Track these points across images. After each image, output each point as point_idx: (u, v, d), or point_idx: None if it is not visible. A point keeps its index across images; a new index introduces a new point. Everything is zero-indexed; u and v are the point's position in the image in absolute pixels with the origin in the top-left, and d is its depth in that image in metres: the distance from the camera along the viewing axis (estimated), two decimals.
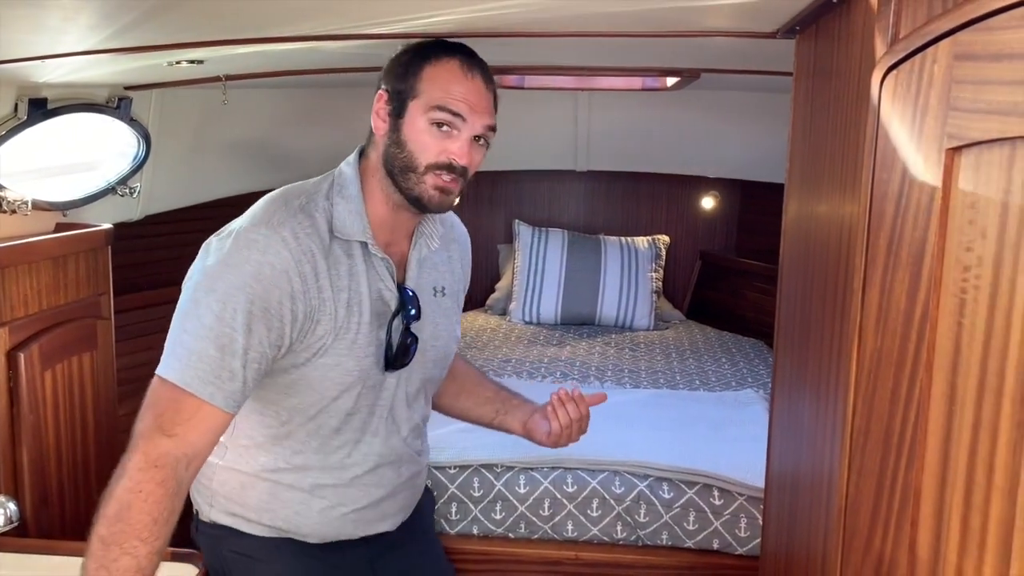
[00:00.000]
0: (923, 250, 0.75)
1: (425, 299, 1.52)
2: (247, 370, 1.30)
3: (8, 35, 1.34)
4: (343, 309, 1.39)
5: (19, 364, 1.79)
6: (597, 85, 3.07)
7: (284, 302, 1.31)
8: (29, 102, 1.87)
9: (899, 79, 0.82)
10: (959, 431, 0.70)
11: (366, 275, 1.42)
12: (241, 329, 1.28)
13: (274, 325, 1.31)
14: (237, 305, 1.28)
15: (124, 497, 1.23)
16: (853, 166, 0.97)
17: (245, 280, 1.29)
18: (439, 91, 1.36)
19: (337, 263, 1.38)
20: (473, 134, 1.39)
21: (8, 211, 1.89)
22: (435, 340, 1.56)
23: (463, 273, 1.68)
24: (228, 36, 1.53)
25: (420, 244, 1.52)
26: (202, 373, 1.27)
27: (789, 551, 1.27)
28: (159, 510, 1.23)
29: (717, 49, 1.85)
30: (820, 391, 1.09)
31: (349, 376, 1.42)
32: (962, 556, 0.69)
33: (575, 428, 1.63)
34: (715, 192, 4.28)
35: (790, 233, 1.34)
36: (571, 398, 1.62)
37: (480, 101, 1.39)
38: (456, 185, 1.41)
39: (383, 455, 1.53)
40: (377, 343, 1.44)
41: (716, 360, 3.42)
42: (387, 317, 1.45)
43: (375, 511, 1.56)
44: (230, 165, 2.98)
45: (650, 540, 2.23)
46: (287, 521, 1.50)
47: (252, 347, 1.29)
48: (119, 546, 1.21)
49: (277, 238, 1.32)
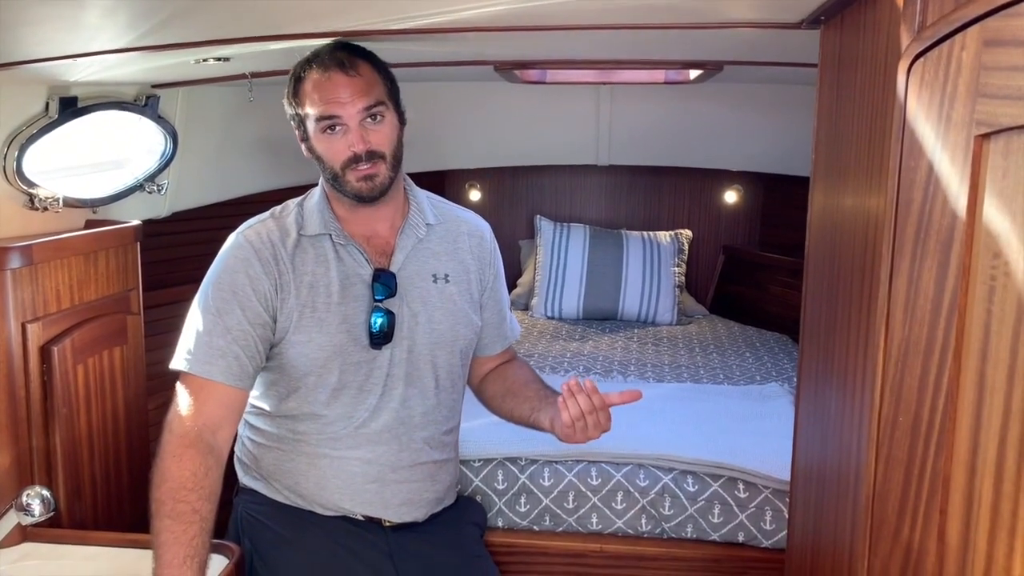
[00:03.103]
0: (951, 238, 0.75)
1: (420, 284, 1.65)
2: (236, 346, 1.52)
3: (42, 34, 1.36)
4: (306, 289, 1.57)
5: (52, 358, 1.82)
6: (619, 79, 3.06)
7: (247, 283, 1.54)
8: (60, 101, 1.90)
9: (927, 67, 0.82)
10: (989, 418, 0.69)
11: (336, 261, 1.60)
12: (218, 311, 1.53)
13: (247, 304, 1.54)
14: (211, 293, 1.55)
15: (162, 465, 1.45)
16: (880, 155, 0.97)
17: (218, 274, 1.57)
18: (311, 104, 1.52)
19: (303, 252, 1.59)
20: (359, 120, 1.51)
21: (40, 208, 1.92)
22: (434, 323, 1.66)
23: (479, 265, 1.74)
24: (256, 33, 1.55)
25: (406, 233, 1.65)
26: (198, 355, 1.52)
27: (816, 542, 1.27)
28: (195, 465, 1.45)
29: (740, 41, 1.84)
30: (847, 381, 1.09)
31: (323, 351, 1.58)
32: (992, 544, 0.69)
33: (590, 423, 1.56)
34: (738, 186, 4.26)
35: (816, 224, 1.34)
36: (582, 390, 1.55)
37: (343, 92, 1.50)
38: (377, 168, 1.54)
39: (379, 434, 1.63)
40: (351, 321, 1.59)
41: (740, 355, 3.40)
42: (365, 300, 1.59)
43: (374, 493, 1.64)
44: (255, 162, 3.01)
45: (675, 533, 2.23)
46: (292, 489, 1.66)
47: (232, 327, 1.53)
48: (172, 498, 1.42)
49: (242, 237, 1.60)
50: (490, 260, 1.77)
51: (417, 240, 1.66)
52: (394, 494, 1.65)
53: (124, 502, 2.10)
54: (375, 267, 1.61)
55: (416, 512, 1.69)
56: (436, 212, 1.72)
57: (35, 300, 1.82)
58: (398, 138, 1.57)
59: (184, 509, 1.41)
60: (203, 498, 1.44)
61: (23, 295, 1.79)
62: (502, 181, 4.31)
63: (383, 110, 1.53)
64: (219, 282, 1.56)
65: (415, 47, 1.84)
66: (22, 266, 1.78)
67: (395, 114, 1.57)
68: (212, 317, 1.53)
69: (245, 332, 1.53)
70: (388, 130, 1.55)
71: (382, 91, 1.54)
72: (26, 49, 1.49)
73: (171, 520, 1.41)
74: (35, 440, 1.80)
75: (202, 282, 1.58)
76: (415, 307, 1.64)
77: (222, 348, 1.51)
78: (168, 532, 1.40)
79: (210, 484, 1.46)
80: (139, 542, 1.68)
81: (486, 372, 1.85)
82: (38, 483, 1.71)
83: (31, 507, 1.55)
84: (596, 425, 1.57)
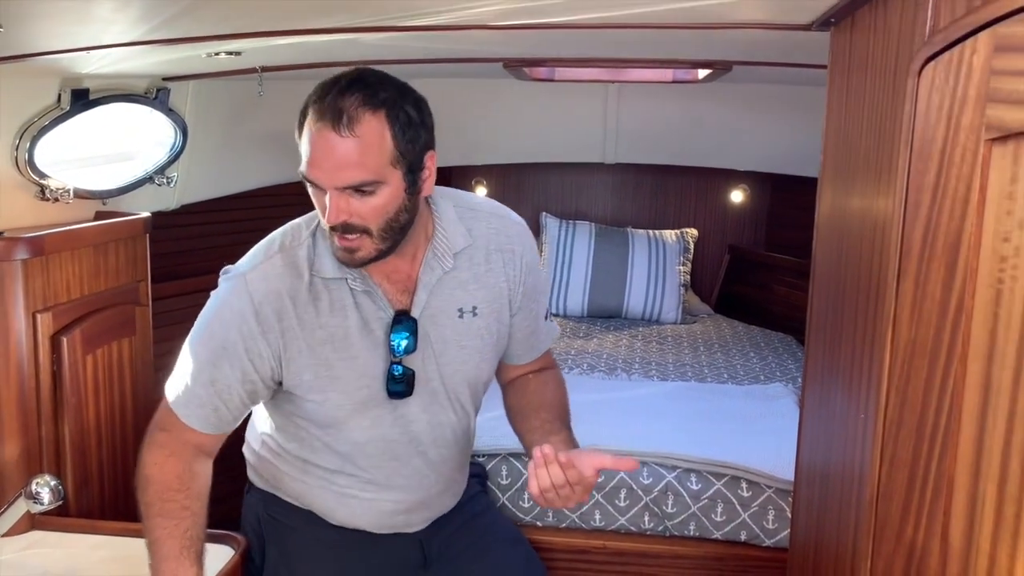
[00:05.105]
0: (959, 241, 0.76)
1: (444, 322, 1.48)
2: (217, 399, 1.41)
3: (57, 26, 1.37)
4: (319, 346, 1.41)
5: (62, 348, 1.84)
6: (627, 77, 3.07)
7: (239, 341, 1.39)
8: (72, 93, 1.91)
9: (937, 71, 0.82)
10: (993, 420, 0.70)
11: (354, 308, 1.42)
12: (205, 364, 1.41)
13: (235, 363, 1.40)
14: (204, 342, 1.42)
15: (145, 472, 1.43)
16: (888, 157, 0.97)
17: (210, 320, 1.42)
18: (302, 149, 1.30)
19: (317, 301, 1.41)
20: (339, 190, 1.27)
21: (51, 199, 1.94)
22: (457, 364, 1.51)
23: (510, 285, 1.54)
24: (268, 28, 1.56)
25: (429, 266, 1.45)
26: (181, 396, 1.43)
27: (819, 542, 1.28)
28: (179, 470, 1.42)
29: (750, 41, 1.84)
30: (853, 382, 1.10)
31: (341, 410, 1.46)
32: (995, 545, 0.70)
33: (561, 495, 1.32)
34: (744, 186, 4.25)
35: (824, 225, 1.34)
36: (554, 460, 1.31)
37: (325, 159, 1.26)
38: (358, 243, 1.32)
39: (408, 478, 1.56)
40: (370, 374, 1.44)
41: (744, 354, 3.40)
42: (385, 347, 1.44)
43: (403, 522, 1.61)
44: (264, 156, 3.02)
45: (677, 531, 2.24)
46: (321, 514, 1.61)
47: (217, 380, 1.40)
48: (160, 499, 1.40)
49: (243, 283, 1.40)
50: (521, 277, 1.55)
51: (443, 272, 1.46)
52: (418, 514, 1.63)
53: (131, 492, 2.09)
54: (395, 310, 1.44)
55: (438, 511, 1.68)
56: (467, 229, 1.49)
57: (45, 290, 1.84)
58: (398, 207, 1.32)
59: (173, 507, 1.40)
60: (192, 496, 1.42)
61: (34, 285, 1.80)
62: (508, 178, 4.31)
63: (375, 187, 1.28)
64: (211, 331, 1.41)
65: (424, 44, 1.85)
66: (33, 256, 1.79)
67: (400, 181, 1.31)
68: (198, 365, 1.41)
69: (229, 387, 1.41)
70: (380, 202, 1.29)
71: (381, 159, 1.27)
72: (40, 41, 1.49)
73: (161, 518, 1.39)
74: (44, 429, 1.82)
75: (204, 309, 1.44)
76: (438, 347, 1.48)
77: (202, 399, 1.42)
78: (160, 529, 1.39)
79: (197, 488, 1.43)
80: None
81: (511, 378, 1.70)
82: (47, 472, 1.72)
83: (40, 495, 1.57)
84: (568, 498, 1.33)
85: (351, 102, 1.25)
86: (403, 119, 1.29)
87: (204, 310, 1.43)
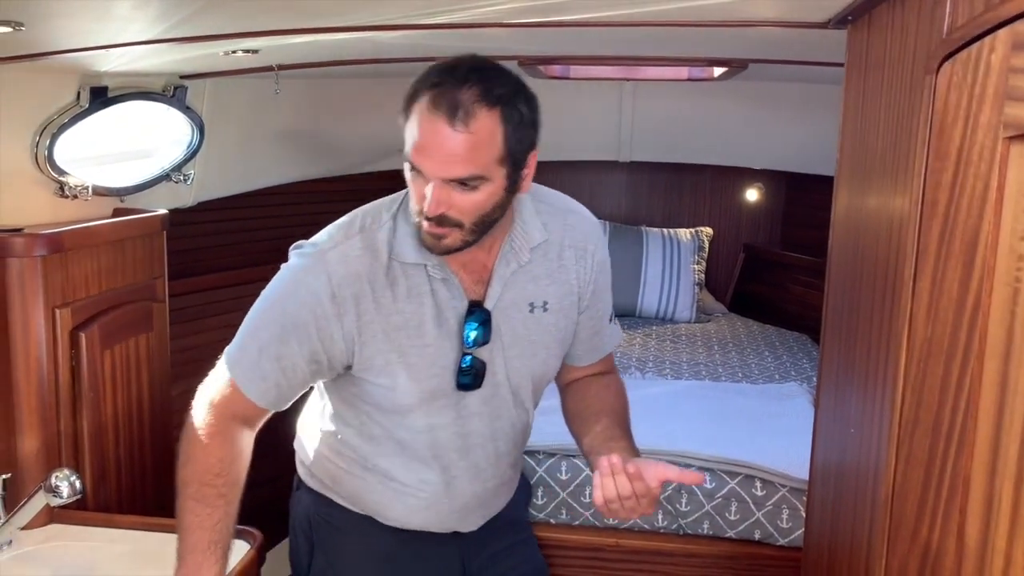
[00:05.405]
0: (976, 239, 0.75)
1: (515, 316, 1.47)
2: (281, 376, 1.40)
3: (77, 24, 1.39)
4: (394, 331, 1.39)
5: (80, 343, 1.86)
6: (642, 75, 3.06)
7: (311, 322, 1.37)
8: (91, 90, 1.93)
9: (955, 69, 0.82)
10: (1010, 419, 0.70)
11: (430, 295, 1.40)
12: (273, 339, 1.39)
13: (304, 341, 1.37)
14: (275, 316, 1.39)
15: (189, 448, 1.41)
16: (905, 156, 0.97)
17: (285, 295, 1.39)
18: (409, 132, 1.28)
19: (394, 285, 1.39)
20: (443, 182, 1.26)
21: (70, 196, 1.95)
22: (525, 359, 1.49)
23: (580, 283, 1.53)
24: (284, 26, 1.57)
25: (506, 259, 1.44)
26: (244, 366, 1.41)
27: (833, 541, 1.27)
28: (223, 453, 1.41)
29: (766, 39, 1.84)
30: (868, 380, 1.09)
31: (409, 397, 1.43)
32: (1011, 544, 0.69)
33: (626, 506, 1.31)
34: (760, 184, 4.24)
35: (840, 224, 1.34)
36: (622, 471, 1.30)
37: (436, 150, 1.25)
38: (448, 233, 1.31)
39: (466, 471, 1.53)
40: (441, 363, 1.43)
41: (759, 353, 3.40)
42: (457, 337, 1.42)
43: (458, 519, 1.58)
44: (279, 154, 3.03)
45: (691, 529, 2.24)
46: (376, 514, 1.58)
47: (284, 356, 1.38)
48: (198, 481, 1.39)
49: (322, 262, 1.37)
50: (591, 276, 1.53)
51: (518, 266, 1.45)
52: (474, 511, 1.61)
53: (147, 487, 2.13)
54: (469, 300, 1.42)
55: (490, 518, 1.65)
56: (543, 224, 1.49)
57: (64, 286, 1.86)
58: (496, 203, 1.31)
59: (210, 493, 1.39)
60: (229, 483, 1.41)
61: (53, 281, 1.82)
62: None
63: (480, 183, 1.27)
64: (282, 307, 1.39)
65: (440, 41, 1.85)
66: (52, 253, 1.81)
67: (503, 179, 1.30)
68: (265, 339, 1.40)
69: (295, 366, 1.39)
70: (481, 198, 1.29)
71: (491, 156, 1.26)
72: (60, 40, 1.51)
73: (195, 502, 1.39)
74: (63, 424, 1.84)
75: (273, 281, 1.41)
76: (507, 341, 1.47)
77: (265, 372, 1.40)
78: (192, 515, 1.39)
79: (236, 472, 1.43)
80: (162, 526, 1.72)
81: (571, 380, 1.66)
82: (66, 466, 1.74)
83: (59, 489, 1.58)
84: (633, 509, 1.32)
85: (469, 96, 1.23)
86: (516, 118, 1.27)
87: (275, 283, 1.41)
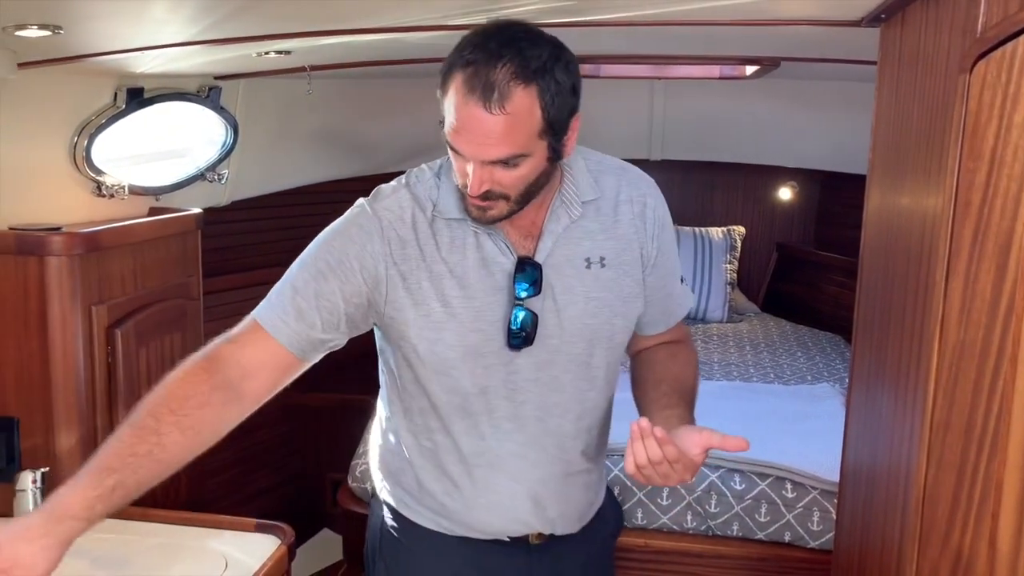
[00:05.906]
0: (1010, 241, 0.74)
1: (570, 272, 1.41)
2: (317, 314, 1.34)
3: (113, 28, 1.42)
4: (437, 280, 1.37)
5: (116, 340, 1.89)
6: (673, 74, 3.04)
7: (356, 260, 1.35)
8: (127, 92, 1.97)
9: (989, 68, 0.81)
10: None
11: (475, 248, 1.38)
12: (315, 275, 1.35)
13: (348, 279, 1.35)
14: (318, 254, 1.37)
15: (169, 375, 1.32)
16: (939, 155, 0.96)
17: (331, 236, 1.39)
18: (447, 112, 1.25)
19: (439, 235, 1.38)
20: (479, 160, 1.25)
21: (107, 195, 1.99)
22: (586, 318, 1.42)
23: (640, 240, 1.46)
24: (317, 27, 1.58)
25: (556, 214, 1.40)
26: (275, 307, 1.36)
27: (863, 544, 1.26)
28: (197, 391, 1.29)
29: (799, 38, 1.82)
30: (900, 383, 1.08)
31: (453, 351, 1.38)
32: None
33: (659, 472, 1.28)
34: (793, 183, 4.20)
35: (872, 223, 1.33)
36: (651, 434, 1.25)
37: (473, 134, 1.23)
38: (494, 204, 1.30)
39: (524, 447, 1.44)
40: (487, 318, 1.38)
41: (791, 354, 3.36)
42: (507, 292, 1.38)
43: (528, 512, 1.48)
44: (311, 153, 3.07)
45: (720, 531, 2.22)
46: (436, 512, 1.50)
47: (324, 294, 1.34)
48: (146, 411, 1.28)
49: (370, 208, 1.38)
50: (654, 232, 1.47)
51: (570, 221, 1.41)
52: (549, 507, 1.48)
53: (180, 482, 2.16)
54: (519, 255, 1.38)
55: (572, 525, 1.53)
56: (596, 180, 1.45)
57: (100, 284, 1.89)
58: (540, 173, 1.30)
59: (149, 424, 1.25)
60: (178, 427, 1.26)
61: (89, 279, 1.85)
62: None
63: (521, 160, 1.26)
64: (330, 245, 1.37)
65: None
66: (89, 251, 1.84)
67: (545, 151, 1.28)
68: (307, 276, 1.36)
69: (334, 306, 1.35)
70: (524, 172, 1.27)
71: (530, 132, 1.24)
72: (97, 42, 1.54)
73: (129, 428, 1.26)
74: (100, 419, 1.87)
75: (318, 236, 1.40)
76: (562, 300, 1.40)
77: (301, 310, 1.34)
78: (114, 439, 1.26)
79: (198, 420, 1.28)
80: (197, 520, 1.74)
81: (640, 349, 1.59)
82: None
83: None
84: (668, 476, 1.29)
85: (503, 75, 1.20)
86: (553, 88, 1.24)
87: (324, 230, 1.40)
